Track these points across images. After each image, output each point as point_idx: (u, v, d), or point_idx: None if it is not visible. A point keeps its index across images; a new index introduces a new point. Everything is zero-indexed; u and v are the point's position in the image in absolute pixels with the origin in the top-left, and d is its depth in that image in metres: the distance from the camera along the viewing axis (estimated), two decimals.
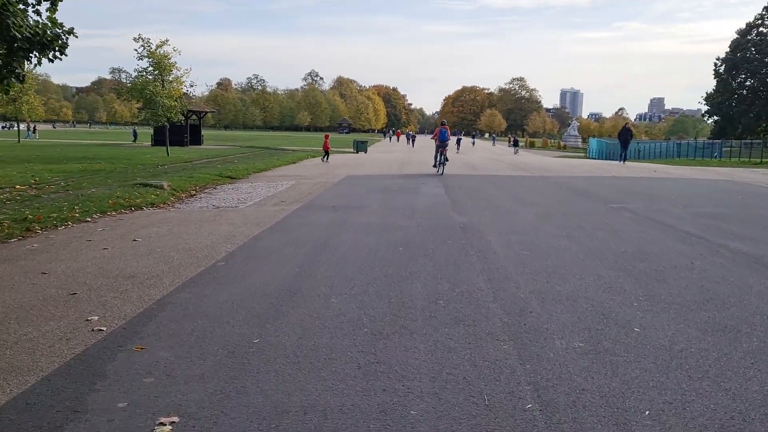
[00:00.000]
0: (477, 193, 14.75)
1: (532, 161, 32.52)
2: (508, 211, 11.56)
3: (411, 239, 8.50)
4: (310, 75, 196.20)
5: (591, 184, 17.59)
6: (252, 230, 9.31)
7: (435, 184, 17.05)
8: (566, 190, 15.72)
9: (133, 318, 4.93)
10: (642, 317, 4.99)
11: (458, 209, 11.74)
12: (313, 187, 16.26)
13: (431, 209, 11.73)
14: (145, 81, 27.35)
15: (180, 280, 6.18)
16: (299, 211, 11.61)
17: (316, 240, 8.44)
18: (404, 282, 6.08)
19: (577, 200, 13.58)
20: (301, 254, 7.46)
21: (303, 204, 12.67)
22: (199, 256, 7.37)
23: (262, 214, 11.20)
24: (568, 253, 7.58)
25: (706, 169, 27.40)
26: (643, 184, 17.60)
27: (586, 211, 11.67)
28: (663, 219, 10.75)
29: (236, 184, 17.82)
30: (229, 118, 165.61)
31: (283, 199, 13.67)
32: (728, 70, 75.63)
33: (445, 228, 9.50)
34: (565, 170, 23.52)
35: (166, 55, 27.69)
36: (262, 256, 7.38)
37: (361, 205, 12.33)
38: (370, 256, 7.32)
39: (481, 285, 5.98)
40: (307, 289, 5.79)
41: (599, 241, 8.45)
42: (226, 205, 12.68)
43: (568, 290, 5.81)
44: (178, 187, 15.66)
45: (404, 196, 14.13)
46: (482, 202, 13.02)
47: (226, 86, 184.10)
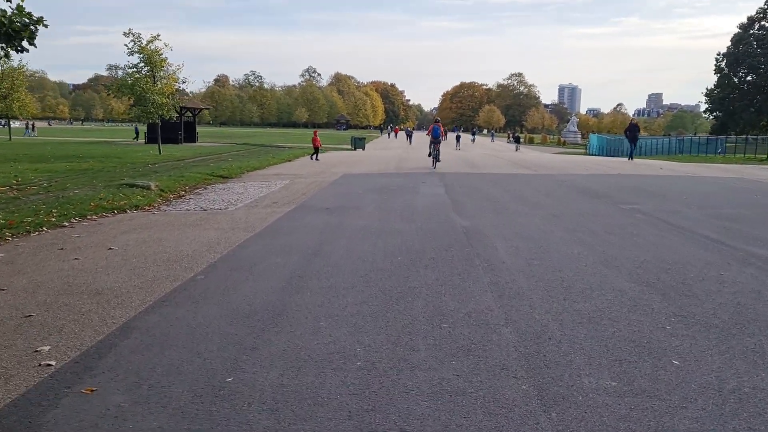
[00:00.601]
0: (479, 193, 14.07)
1: (533, 158, 31.82)
2: (513, 213, 10.88)
3: (410, 246, 7.82)
4: (307, 71, 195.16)
5: (597, 182, 16.92)
6: (239, 236, 8.63)
7: (434, 183, 16.37)
8: (572, 189, 15.04)
9: (90, 348, 4.25)
10: (678, 345, 4.32)
11: (460, 211, 11.07)
12: (307, 187, 15.58)
13: (431, 211, 11.06)
14: (136, 77, 26.59)
15: (152, 298, 5.50)
16: (292, 213, 10.93)
17: (308, 247, 7.76)
18: (403, 299, 5.41)
19: (584, 200, 12.91)
20: (290, 265, 6.78)
21: (296, 205, 11.98)
22: (178, 267, 6.69)
23: (252, 217, 10.52)
24: (583, 263, 6.91)
25: (712, 166, 26.73)
26: (650, 183, 16.93)
27: (596, 213, 11.00)
28: (678, 221, 10.09)
29: (228, 183, 17.13)
30: (226, 114, 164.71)
31: (276, 200, 12.98)
32: (730, 65, 74.93)
33: (446, 232, 8.82)
34: (568, 167, 22.85)
35: (158, 50, 26.92)
36: (247, 267, 6.70)
37: (358, 207, 11.65)
38: (365, 267, 6.65)
39: (490, 303, 5.30)
40: (294, 309, 5.11)
41: (615, 248, 7.78)
42: (215, 207, 11.99)
43: (588, 309, 5.13)
44: (167, 187, 14.97)
45: (403, 196, 13.45)
46: (485, 202, 12.34)
47: (223, 83, 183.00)
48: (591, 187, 15.64)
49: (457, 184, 15.94)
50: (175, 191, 14.85)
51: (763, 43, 72.28)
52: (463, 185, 15.76)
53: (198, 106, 47.93)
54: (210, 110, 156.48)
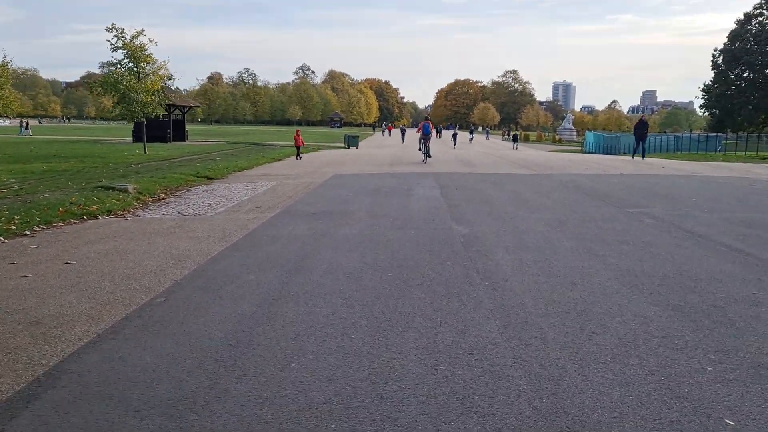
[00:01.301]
0: (477, 195, 13.27)
1: (531, 157, 31.03)
2: (513, 218, 10.09)
3: (402, 259, 7.02)
4: (301, 69, 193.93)
5: (599, 183, 16.15)
6: (213, 247, 7.81)
7: (430, 184, 15.56)
8: (574, 191, 14.26)
9: (1, 403, 3.43)
10: (727, 395, 3.53)
11: (457, 216, 10.27)
12: (295, 189, 14.76)
13: (426, 216, 10.25)
14: (119, 74, 25.64)
15: (98, 327, 4.69)
16: (275, 219, 10.11)
17: (288, 261, 6.95)
18: (392, 330, 4.61)
19: (589, 203, 12.13)
20: (266, 284, 5.97)
21: (281, 210, 11.17)
22: (137, 287, 5.87)
23: (231, 223, 9.70)
24: (597, 280, 6.12)
25: (714, 164, 25.98)
26: (655, 183, 16.17)
27: (603, 218, 10.21)
28: (692, 227, 9.31)
29: (212, 185, 16.29)
30: (219, 112, 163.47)
31: (260, 203, 12.16)
32: (727, 62, 74.22)
33: (443, 242, 8.02)
34: (567, 167, 22.07)
35: (142, 46, 25.96)
36: (216, 287, 5.88)
37: (347, 212, 10.84)
38: (350, 287, 5.84)
39: (495, 335, 4.50)
40: (263, 345, 4.30)
41: (630, 260, 6.99)
42: (194, 212, 11.17)
43: (611, 343, 4.34)
44: (146, 189, 14.15)
45: (395, 199, 12.64)
46: (483, 206, 11.54)
47: (216, 80, 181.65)
48: (594, 188, 14.86)
49: (454, 186, 15.14)
50: (154, 194, 14.03)
51: (760, 39, 71.63)
52: (460, 186, 14.96)
53: (188, 103, 46.91)
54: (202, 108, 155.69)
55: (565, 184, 15.62)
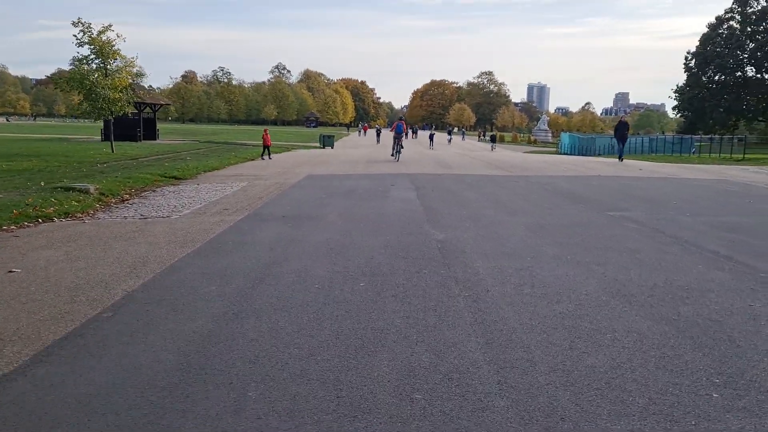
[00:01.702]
0: (454, 198, 12.88)
1: (507, 158, 30.77)
2: (492, 222, 9.70)
3: (376, 267, 6.57)
4: (277, 68, 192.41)
5: (577, 185, 15.87)
6: (174, 253, 7.29)
7: (406, 186, 15.13)
8: (553, 194, 13.94)
9: None
10: (739, 428, 3.13)
11: (434, 220, 9.85)
12: (266, 190, 14.23)
13: (402, 220, 9.81)
14: (86, 70, 24.74)
15: (30, 350, 4.16)
16: (242, 223, 9.59)
17: (253, 269, 6.46)
18: (363, 350, 4.15)
19: (568, 206, 11.79)
20: (227, 295, 5.47)
21: (249, 213, 10.65)
22: (83, 300, 5.34)
23: (195, 227, 9.16)
24: (584, 290, 5.73)
25: (690, 166, 25.94)
26: (634, 186, 15.93)
27: (584, 222, 9.87)
28: (677, 232, 9.00)
29: (180, 186, 15.68)
30: (193, 111, 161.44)
31: (228, 206, 11.62)
32: (699, 65, 75.03)
33: (419, 248, 7.58)
34: (544, 168, 21.82)
35: (110, 41, 25.12)
36: (172, 299, 5.37)
37: (319, 215, 10.36)
38: (320, 299, 5.37)
39: (477, 355, 4.08)
40: (217, 368, 3.82)
41: (616, 269, 6.62)
42: (157, 215, 10.60)
43: (604, 364, 3.94)
44: (109, 190, 13.51)
45: (370, 201, 12.19)
46: (461, 209, 11.13)
47: (191, 79, 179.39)
48: (573, 190, 14.56)
49: (430, 187, 14.73)
50: (118, 195, 13.40)
51: (731, 42, 72.53)
52: (437, 188, 14.56)
53: (159, 101, 45.90)
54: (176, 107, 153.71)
55: (544, 187, 15.31)
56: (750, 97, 72.84)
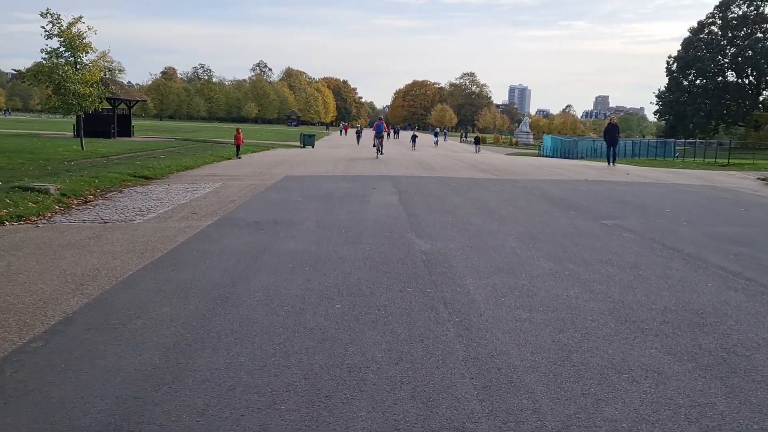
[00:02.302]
0: (438, 203, 12.21)
1: (491, 160, 30.17)
2: (481, 231, 9.04)
3: (355, 285, 5.87)
4: (258, 66, 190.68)
5: (566, 190, 15.29)
6: (129, 265, 6.54)
7: (387, 189, 14.45)
8: (541, 199, 13.34)
9: None
10: None
11: (418, 228, 9.17)
12: (240, 192, 13.47)
13: (383, 228, 9.13)
14: (54, 63, 23.68)
15: None
16: (211, 229, 8.84)
17: (215, 286, 5.73)
18: (337, 396, 3.46)
19: (559, 214, 11.19)
20: (181, 319, 4.75)
21: (219, 218, 9.90)
22: (13, 324, 4.58)
23: (158, 234, 8.40)
24: (588, 315, 5.08)
25: (676, 171, 25.54)
26: (623, 191, 15.39)
27: (578, 231, 9.26)
28: (678, 244, 8.41)
29: (149, 186, 14.86)
30: (172, 108, 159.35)
31: (198, 209, 10.85)
32: (680, 69, 75.30)
33: (402, 262, 6.90)
34: (529, 172, 21.24)
35: (80, 34, 24.10)
36: (117, 324, 4.63)
37: (294, 221, 9.64)
38: (288, 325, 4.67)
39: (473, 404, 3.40)
40: (156, 423, 3.11)
41: (620, 288, 5.99)
42: (119, 219, 9.81)
43: (627, 418, 3.27)
44: (72, 190, 12.68)
45: (349, 206, 11.49)
46: (446, 216, 10.47)
47: (170, 75, 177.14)
48: (562, 196, 13.97)
49: (413, 191, 14.05)
50: (81, 195, 12.58)
51: (712, 47, 72.87)
52: (420, 192, 13.88)
53: (133, 97, 44.64)
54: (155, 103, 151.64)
55: (531, 191, 14.71)
56: (731, 102, 73.23)
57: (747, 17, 70.88)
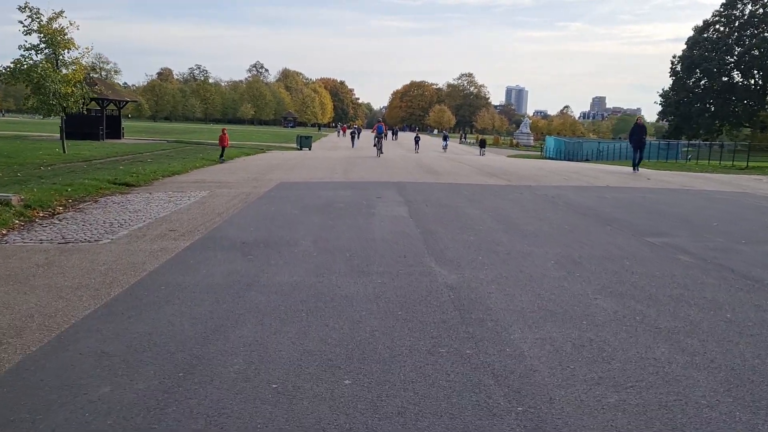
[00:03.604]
0: (454, 216, 10.74)
1: (497, 163, 28.66)
2: (511, 254, 7.58)
3: (367, 342, 4.40)
4: (255, 66, 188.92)
5: (590, 198, 13.83)
6: (75, 308, 5.07)
7: (393, 198, 12.97)
8: (567, 210, 11.88)
9: None
10: None
11: (437, 250, 7.70)
12: (229, 203, 12.00)
13: (395, 250, 7.65)
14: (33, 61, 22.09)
15: None
16: (188, 253, 7.37)
17: (181, 345, 4.26)
18: None
19: (594, 228, 9.73)
20: (122, 410, 3.27)
21: (201, 236, 8.42)
22: None
23: (123, 260, 6.93)
24: (699, 394, 3.61)
25: (696, 175, 24.02)
26: (655, 200, 13.94)
27: (625, 253, 7.79)
28: (749, 270, 6.95)
29: (129, 195, 13.37)
30: (167, 109, 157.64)
31: (177, 225, 9.38)
32: (685, 69, 73.91)
33: (425, 302, 5.43)
34: (543, 176, 19.77)
35: (62, 29, 22.59)
36: (25, 421, 3.15)
37: (288, 241, 8.16)
38: (277, 417, 3.20)
39: None
40: None
41: (715, 342, 4.53)
42: (83, 238, 8.33)
43: None
44: (39, 201, 11.21)
45: (352, 220, 10.02)
46: (466, 232, 9.00)
47: (166, 76, 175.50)
48: (588, 205, 12.51)
49: (422, 200, 12.57)
50: (48, 207, 11.10)
51: (717, 47, 71.50)
52: (430, 202, 12.40)
53: (123, 98, 43.05)
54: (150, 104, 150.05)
55: (553, 200, 13.24)
56: (737, 103, 71.89)
57: (754, 16, 69.51)
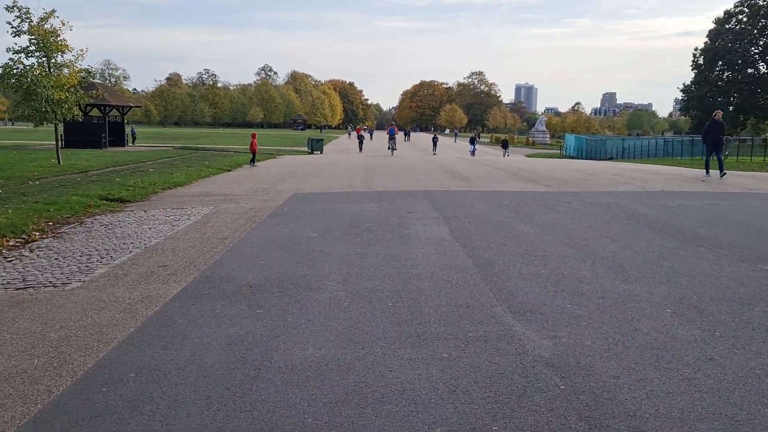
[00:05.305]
0: (505, 236, 8.84)
1: (526, 165, 26.54)
2: (605, 297, 5.69)
3: None
4: (263, 70, 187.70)
5: (653, 207, 11.88)
6: None
7: (427, 212, 11.09)
8: (637, 224, 9.94)
9: None
10: None
11: (505, 292, 5.82)
12: (235, 223, 10.20)
13: (451, 295, 5.78)
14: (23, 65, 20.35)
15: None
16: (177, 305, 5.54)
17: None
18: None
19: (684, 251, 7.81)
20: None
21: (197, 276, 6.61)
22: None
23: (86, 321, 5.13)
24: None
25: (749, 175, 21.80)
26: (728, 207, 11.98)
27: (752, 291, 5.89)
28: None
29: (121, 214, 11.59)
30: (176, 114, 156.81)
31: (170, 256, 7.57)
32: (708, 62, 71.36)
33: (525, 397, 3.56)
34: (583, 180, 17.76)
35: (54, 30, 20.87)
36: None
37: (309, 281, 6.32)
38: None
39: None
40: None
41: None
42: (48, 280, 6.55)
43: None
44: (11, 226, 9.54)
45: (385, 246, 8.15)
46: (533, 262, 7.10)
47: (175, 81, 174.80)
48: (657, 217, 10.58)
49: (463, 215, 10.68)
50: (23, 232, 9.34)
51: (741, 37, 68.99)
52: (472, 217, 10.51)
53: (126, 103, 41.39)
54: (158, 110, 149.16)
55: (610, 211, 11.32)
56: (763, 95, 69.29)
57: None
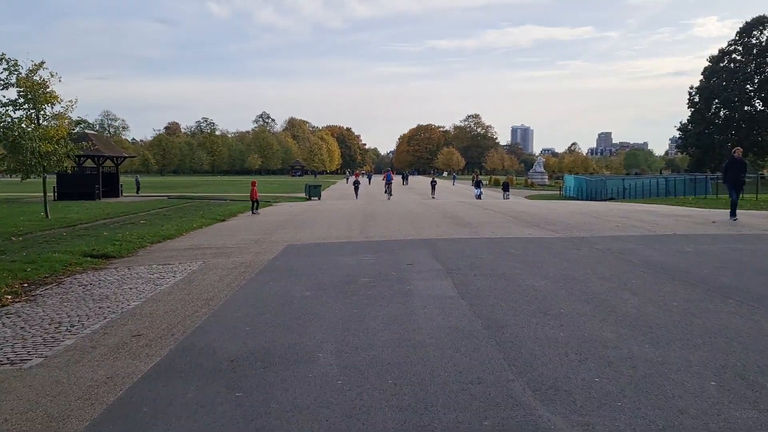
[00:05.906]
0: (516, 291, 8.11)
1: (528, 209, 25.90)
2: (636, 366, 4.95)
3: None
4: (261, 117, 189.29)
5: (669, 253, 11.17)
6: None
7: (428, 264, 10.38)
8: (654, 274, 9.22)
9: None
10: None
11: (521, 363, 5.08)
12: (223, 279, 9.49)
13: (460, 368, 5.03)
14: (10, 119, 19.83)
15: None
16: (144, 389, 4.80)
17: None
18: None
19: (714, 305, 7.09)
20: None
21: (174, 347, 5.87)
22: None
23: (36, 414, 4.42)
24: None
25: (759, 214, 21.30)
26: (751, 252, 11.28)
27: None
28: None
29: (103, 272, 10.88)
30: (174, 162, 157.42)
31: (146, 324, 6.84)
32: (704, 100, 71.60)
33: None
34: (590, 224, 17.08)
35: (43, 82, 20.47)
36: None
37: (298, 353, 5.58)
38: None
39: None
40: None
41: None
42: (5, 357, 5.80)
43: None
44: None
45: (384, 305, 7.41)
46: (549, 324, 6.36)
47: (173, 130, 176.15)
48: (676, 265, 9.87)
49: (467, 267, 9.97)
50: None
51: (736, 75, 69.38)
52: (478, 269, 9.78)
53: (120, 153, 41.01)
54: (156, 159, 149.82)
55: (624, 259, 10.61)
56: (761, 131, 69.34)
57: None
